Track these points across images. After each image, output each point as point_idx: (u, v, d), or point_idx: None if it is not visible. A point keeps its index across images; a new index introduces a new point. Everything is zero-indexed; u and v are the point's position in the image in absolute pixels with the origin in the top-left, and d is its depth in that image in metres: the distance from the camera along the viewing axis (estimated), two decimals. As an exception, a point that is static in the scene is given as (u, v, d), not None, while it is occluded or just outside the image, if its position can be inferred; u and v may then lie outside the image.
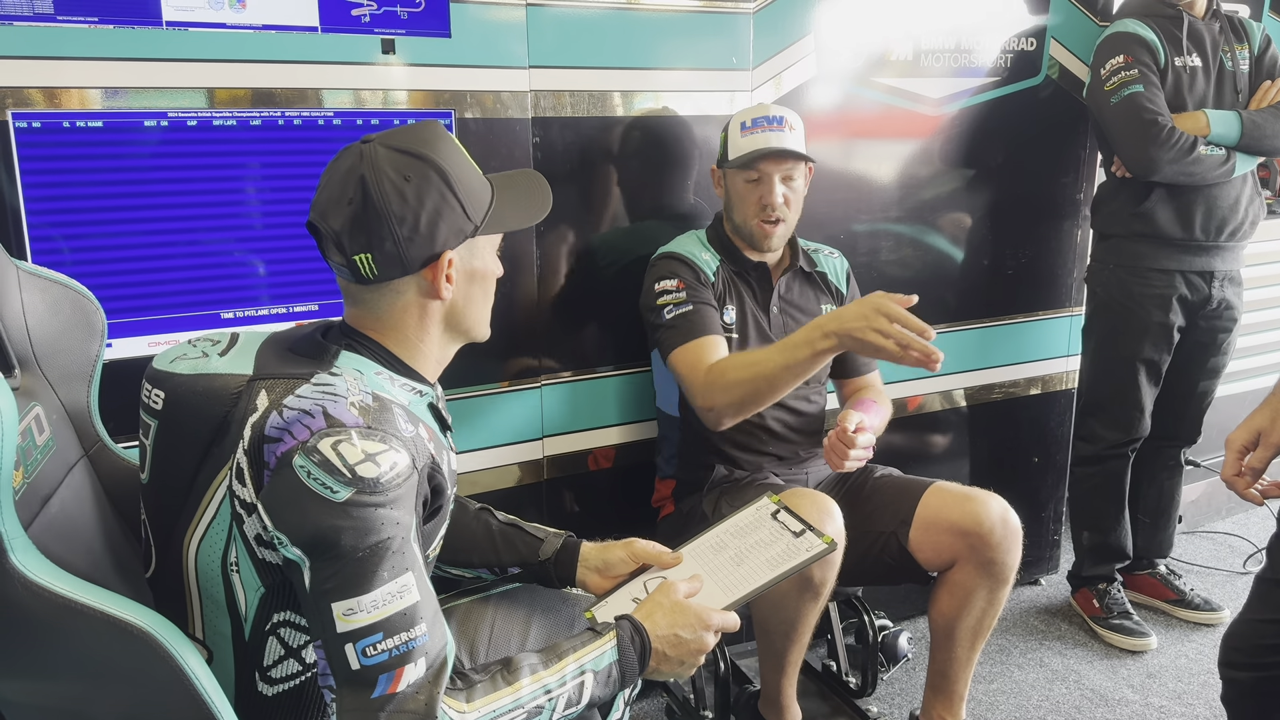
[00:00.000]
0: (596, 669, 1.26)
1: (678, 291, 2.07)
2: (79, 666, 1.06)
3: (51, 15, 1.64)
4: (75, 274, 1.47)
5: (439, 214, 1.21)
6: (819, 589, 1.88)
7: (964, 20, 2.55)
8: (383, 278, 1.23)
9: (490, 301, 1.36)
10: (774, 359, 1.85)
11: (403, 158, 1.21)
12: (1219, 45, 2.65)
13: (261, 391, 1.16)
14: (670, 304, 2.07)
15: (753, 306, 2.18)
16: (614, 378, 2.31)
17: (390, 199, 1.19)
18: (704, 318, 2.05)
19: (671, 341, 2.04)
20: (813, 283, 2.26)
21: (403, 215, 1.19)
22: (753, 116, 2.09)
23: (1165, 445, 2.96)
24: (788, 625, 1.97)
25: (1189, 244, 2.67)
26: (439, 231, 1.22)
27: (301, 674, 1.21)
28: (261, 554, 1.14)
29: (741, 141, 2.08)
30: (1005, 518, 1.99)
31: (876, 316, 1.68)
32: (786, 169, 2.09)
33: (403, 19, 1.90)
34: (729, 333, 2.13)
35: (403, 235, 1.20)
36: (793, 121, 2.10)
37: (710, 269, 2.14)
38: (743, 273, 2.18)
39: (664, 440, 2.29)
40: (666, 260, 2.14)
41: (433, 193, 1.21)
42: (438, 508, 1.28)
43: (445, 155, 1.24)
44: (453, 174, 1.23)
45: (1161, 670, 2.68)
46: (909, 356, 1.66)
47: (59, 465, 1.30)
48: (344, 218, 1.19)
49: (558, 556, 1.56)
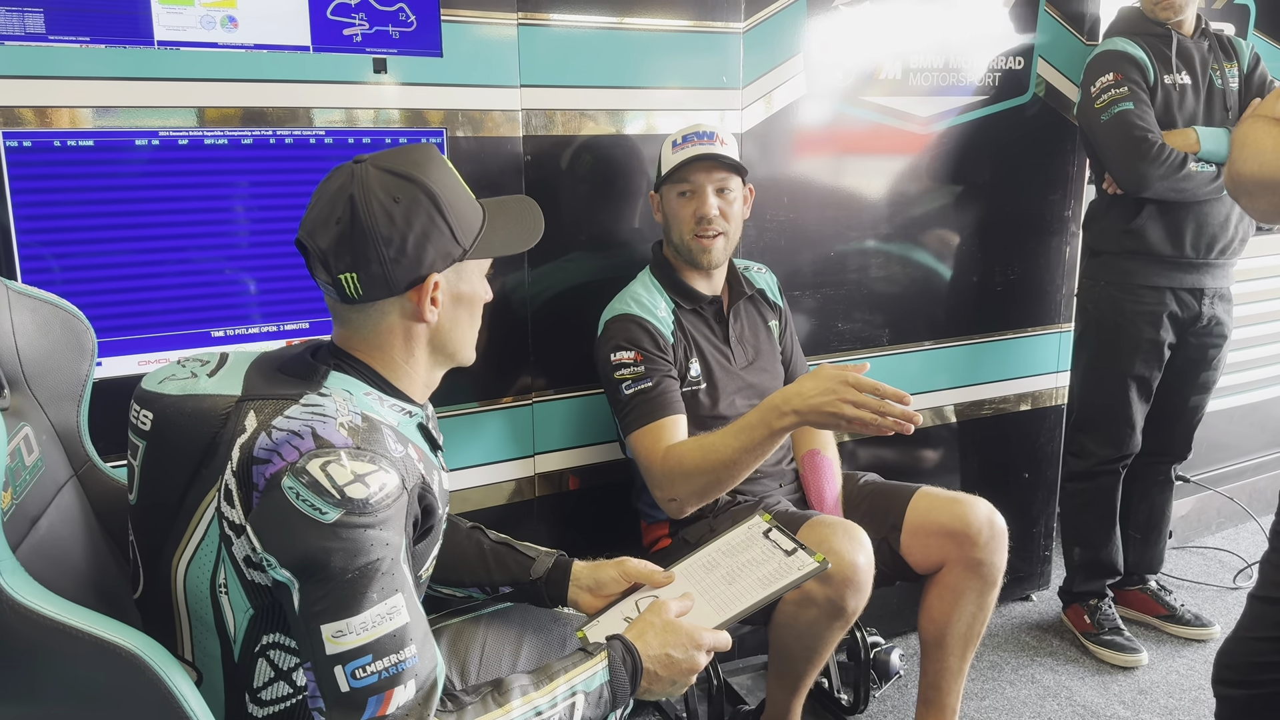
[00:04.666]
0: (588, 690, 1.26)
1: (635, 365, 2.00)
2: (67, 689, 1.06)
3: (43, 35, 1.64)
4: (65, 293, 1.46)
5: (426, 236, 1.21)
6: (849, 617, 1.86)
7: (952, 39, 2.57)
8: (368, 298, 1.22)
9: (477, 326, 1.36)
10: (730, 443, 1.82)
11: (393, 179, 1.21)
12: (1208, 63, 2.67)
13: (250, 412, 1.15)
14: (629, 378, 2.00)
15: (716, 344, 2.15)
16: (605, 395, 2.30)
17: (378, 220, 1.18)
18: (663, 395, 1.99)
19: (630, 423, 1.99)
20: (756, 304, 2.26)
21: (390, 236, 1.19)
22: (684, 133, 2.07)
23: (1156, 461, 2.96)
24: (810, 650, 1.95)
25: (1179, 261, 2.68)
26: (426, 254, 1.22)
27: (292, 696, 1.21)
28: (250, 575, 1.14)
29: (672, 156, 2.05)
30: (991, 519, 2.01)
31: (844, 388, 1.65)
32: (719, 179, 2.04)
33: (394, 38, 1.91)
34: (697, 385, 2.09)
35: (389, 256, 1.20)
36: (724, 137, 2.07)
37: (667, 326, 2.08)
38: (698, 310, 2.14)
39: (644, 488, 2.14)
40: (621, 324, 2.06)
41: (421, 215, 1.21)
42: (429, 528, 1.27)
43: (436, 178, 1.24)
44: (442, 197, 1.23)
45: (1153, 686, 2.68)
46: (886, 424, 1.64)
47: (48, 486, 1.29)
48: (331, 237, 1.19)
49: (549, 575, 1.55)
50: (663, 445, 1.94)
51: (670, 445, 1.94)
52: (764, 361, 2.21)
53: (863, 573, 1.79)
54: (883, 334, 2.65)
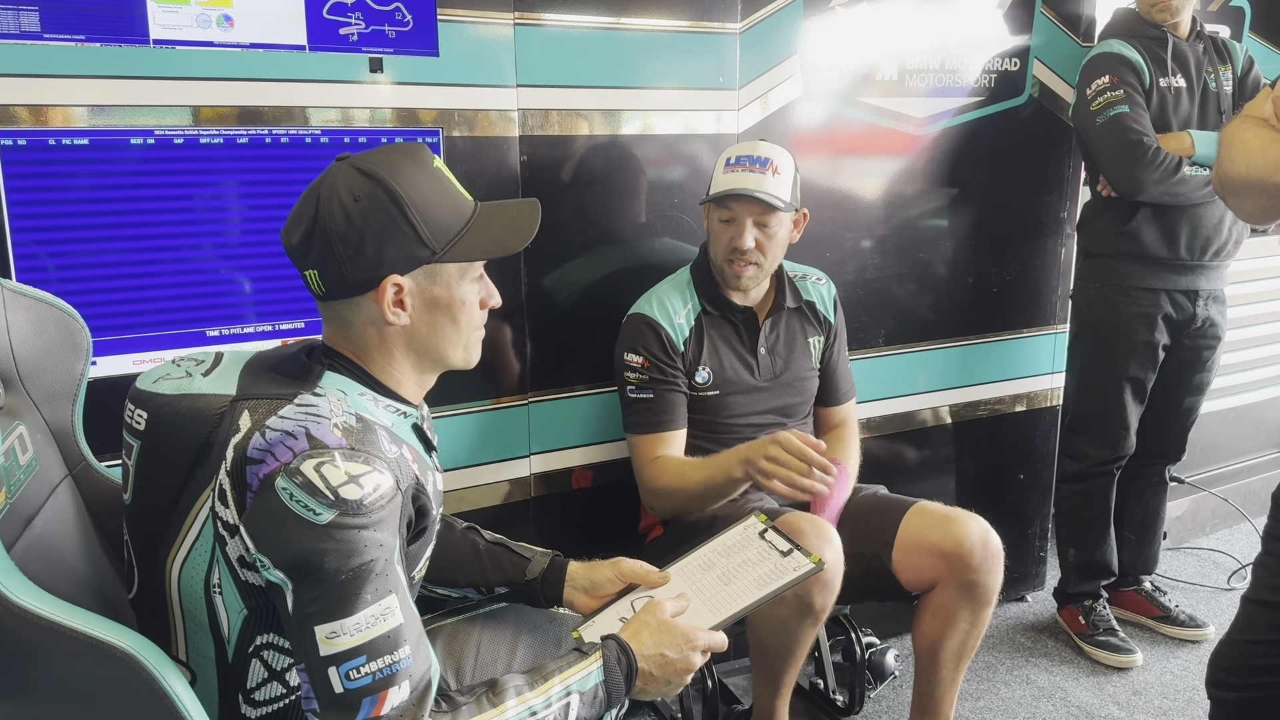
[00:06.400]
0: (582, 690, 1.26)
1: (642, 371, 2.05)
2: (61, 689, 1.06)
3: (38, 33, 1.64)
4: (60, 292, 1.46)
5: (385, 236, 1.19)
6: (818, 614, 1.87)
7: (948, 40, 2.57)
8: (330, 296, 1.23)
9: (468, 331, 1.32)
10: (698, 476, 1.93)
11: (359, 177, 1.20)
12: (1203, 66, 2.68)
13: (244, 412, 1.15)
14: (634, 383, 2.06)
15: (741, 353, 2.14)
16: (601, 395, 2.31)
17: (336, 218, 1.18)
18: (664, 408, 2.05)
19: (629, 425, 2.09)
20: (801, 316, 2.22)
21: (345, 235, 1.18)
22: (738, 154, 2.04)
23: (1150, 462, 2.97)
24: (785, 648, 1.96)
25: (1174, 263, 2.68)
26: (385, 254, 1.20)
27: (285, 696, 1.20)
28: (244, 576, 1.14)
29: (722, 178, 2.03)
30: (986, 539, 1.97)
31: (772, 445, 1.73)
32: (760, 213, 2.01)
33: (391, 38, 1.91)
34: (705, 391, 2.10)
35: (345, 254, 1.18)
36: (780, 165, 2.02)
37: (682, 332, 2.08)
38: (728, 317, 2.13)
39: None
40: (637, 325, 2.08)
41: (379, 214, 1.19)
42: (422, 529, 1.27)
43: (405, 178, 1.21)
44: (408, 197, 1.20)
45: (1147, 687, 2.69)
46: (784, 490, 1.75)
47: (42, 485, 1.29)
48: (300, 232, 1.20)
49: (545, 576, 1.55)
50: (651, 456, 2.04)
51: (656, 458, 2.03)
52: (792, 375, 2.19)
53: (830, 569, 1.78)
54: (878, 335, 2.65)
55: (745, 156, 2.03)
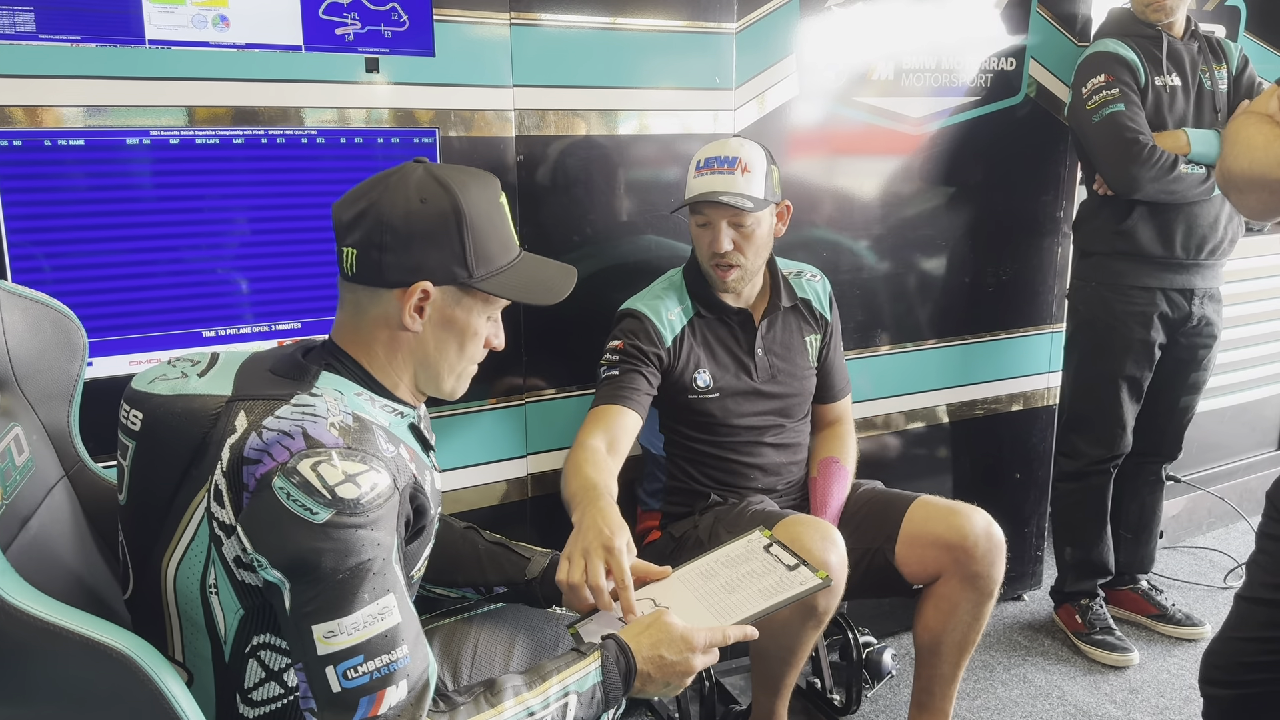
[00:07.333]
0: (580, 690, 1.26)
1: (615, 353, 2.02)
2: (57, 690, 1.05)
3: (33, 34, 1.64)
4: (56, 293, 1.46)
5: (433, 243, 1.22)
6: (821, 617, 1.87)
7: (944, 40, 2.57)
8: (358, 279, 1.24)
9: (466, 361, 1.34)
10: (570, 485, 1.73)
11: (432, 183, 1.23)
12: (1198, 65, 2.68)
13: (240, 412, 1.15)
14: (605, 365, 2.02)
15: (738, 355, 2.13)
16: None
17: (396, 209, 1.21)
18: (619, 385, 1.97)
19: (594, 400, 1.99)
20: (797, 315, 2.21)
21: (398, 228, 1.20)
22: (707, 156, 2.02)
23: (1147, 461, 2.97)
24: (786, 651, 1.96)
25: (1170, 262, 2.69)
26: (427, 259, 1.22)
27: (283, 696, 1.20)
28: (241, 576, 1.14)
29: (693, 182, 2.01)
30: (989, 531, 1.99)
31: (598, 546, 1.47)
32: (733, 215, 1.99)
33: (387, 38, 1.90)
34: (707, 394, 2.08)
35: (390, 244, 1.21)
36: (750, 162, 1.99)
37: (672, 330, 2.07)
38: (723, 319, 2.13)
39: (648, 476, 2.26)
40: (625, 317, 2.08)
41: (437, 222, 1.22)
42: (420, 528, 1.27)
43: (472, 200, 1.24)
44: (470, 218, 1.23)
45: (1144, 686, 2.69)
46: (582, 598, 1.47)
47: (38, 486, 1.29)
48: (355, 210, 1.22)
49: (544, 575, 1.55)
50: (588, 430, 1.90)
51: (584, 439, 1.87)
52: (789, 375, 2.18)
53: (835, 572, 1.78)
54: (875, 334, 2.66)
55: (713, 158, 2.01)
